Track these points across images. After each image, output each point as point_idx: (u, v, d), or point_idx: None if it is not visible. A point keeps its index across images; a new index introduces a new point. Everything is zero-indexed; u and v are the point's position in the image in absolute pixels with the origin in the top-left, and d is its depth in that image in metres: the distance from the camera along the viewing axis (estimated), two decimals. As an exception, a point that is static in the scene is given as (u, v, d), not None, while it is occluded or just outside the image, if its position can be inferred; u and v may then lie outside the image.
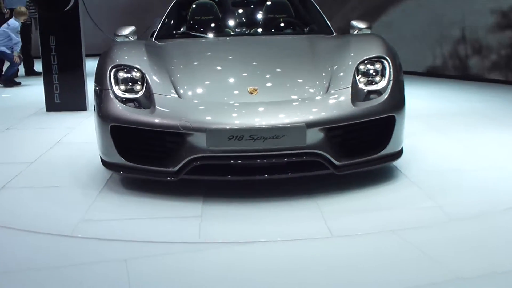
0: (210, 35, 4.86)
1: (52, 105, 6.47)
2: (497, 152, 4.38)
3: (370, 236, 2.82)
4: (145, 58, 3.74)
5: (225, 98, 3.44)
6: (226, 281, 2.41)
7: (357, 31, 4.71)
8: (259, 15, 5.26)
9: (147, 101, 3.45)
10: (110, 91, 3.52)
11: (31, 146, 4.79)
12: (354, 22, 4.77)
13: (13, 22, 8.81)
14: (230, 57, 4.16)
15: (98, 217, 3.13)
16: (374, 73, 3.64)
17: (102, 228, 2.97)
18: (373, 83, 3.60)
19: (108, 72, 3.61)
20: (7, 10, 9.46)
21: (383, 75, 3.63)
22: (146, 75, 3.57)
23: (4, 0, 9.61)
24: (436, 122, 5.53)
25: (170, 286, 2.38)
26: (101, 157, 3.64)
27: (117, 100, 3.47)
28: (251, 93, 3.46)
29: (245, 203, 3.30)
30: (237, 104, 3.38)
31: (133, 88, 3.56)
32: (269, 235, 2.86)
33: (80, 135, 5.23)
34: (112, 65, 3.64)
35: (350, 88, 3.51)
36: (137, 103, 3.48)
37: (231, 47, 4.50)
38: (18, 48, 8.81)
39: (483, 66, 8.33)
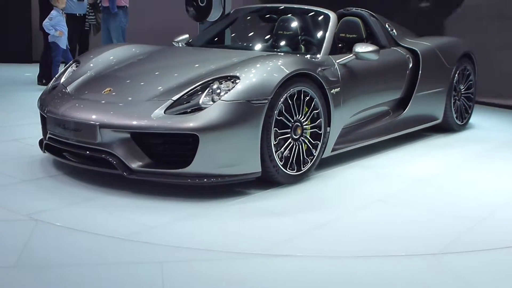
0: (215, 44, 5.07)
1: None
2: None
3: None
4: (100, 59, 4.37)
5: (85, 94, 3.86)
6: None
7: (353, 56, 4.25)
8: (279, 32, 4.93)
9: None
10: (57, 81, 4.31)
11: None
12: (357, 45, 4.23)
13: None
14: (139, 65, 4.33)
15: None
16: (224, 92, 3.41)
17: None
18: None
19: (70, 64, 4.47)
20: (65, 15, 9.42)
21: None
22: (76, 70, 4.27)
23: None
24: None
25: (203, 291, 2.42)
26: None
27: (50, 86, 4.29)
28: (104, 92, 3.78)
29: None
30: (83, 99, 3.79)
31: None
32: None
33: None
34: (75, 59, 4.55)
35: (171, 101, 3.47)
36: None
37: (167, 56, 4.57)
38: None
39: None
